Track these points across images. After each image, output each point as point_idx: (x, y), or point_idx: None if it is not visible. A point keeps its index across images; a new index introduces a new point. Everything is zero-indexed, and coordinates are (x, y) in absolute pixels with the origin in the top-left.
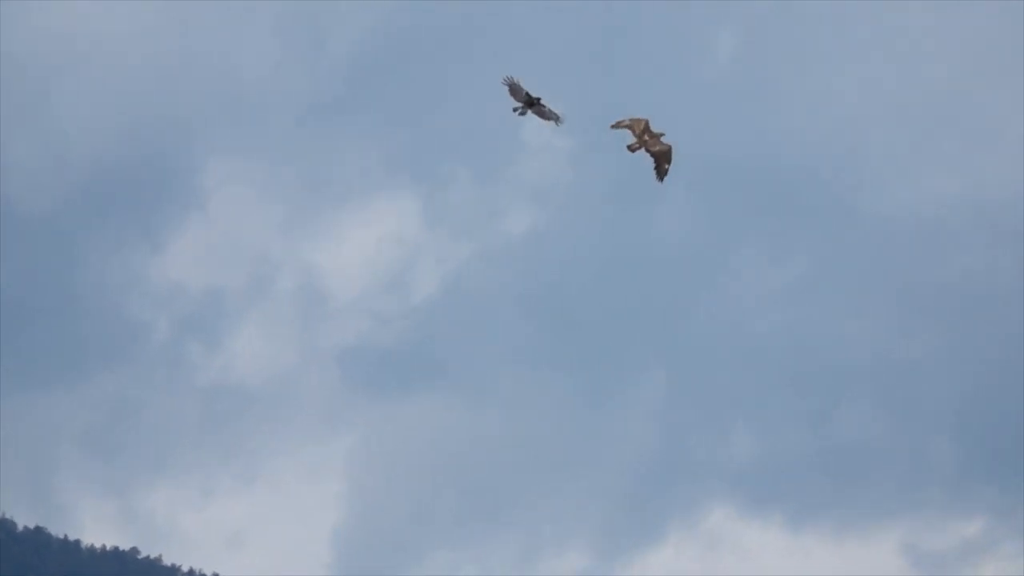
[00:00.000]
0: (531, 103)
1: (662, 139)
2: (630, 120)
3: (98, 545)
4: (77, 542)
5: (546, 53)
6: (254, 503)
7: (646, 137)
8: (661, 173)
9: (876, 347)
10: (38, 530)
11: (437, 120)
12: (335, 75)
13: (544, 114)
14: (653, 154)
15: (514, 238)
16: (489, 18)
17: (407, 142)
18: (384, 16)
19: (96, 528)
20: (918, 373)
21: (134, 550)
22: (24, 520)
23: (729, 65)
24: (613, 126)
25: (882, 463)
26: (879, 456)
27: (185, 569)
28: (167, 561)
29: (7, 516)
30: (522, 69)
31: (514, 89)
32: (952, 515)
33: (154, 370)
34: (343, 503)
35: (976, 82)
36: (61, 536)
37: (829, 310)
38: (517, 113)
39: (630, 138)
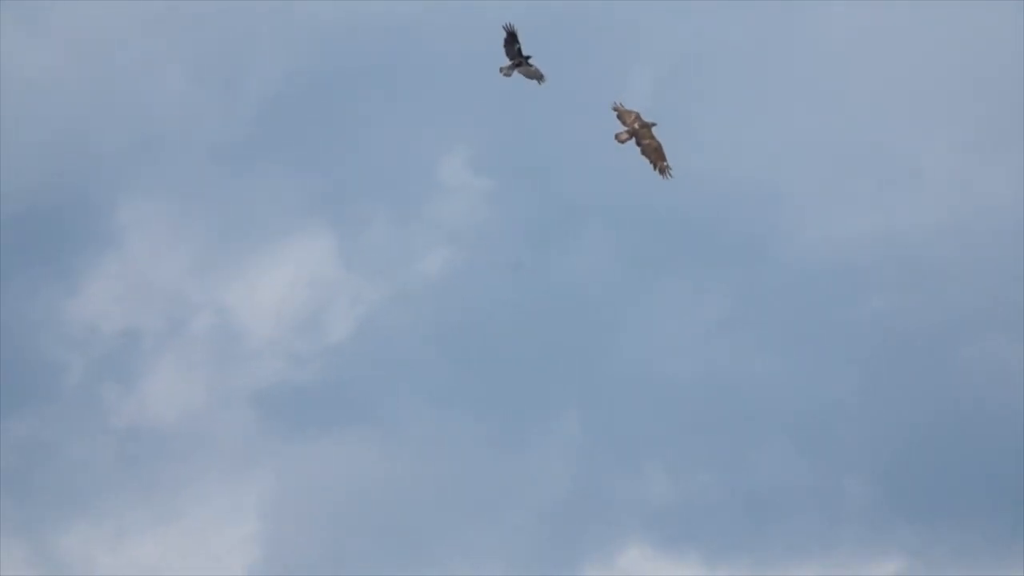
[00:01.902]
0: (519, 63)
1: (653, 129)
2: (622, 108)
3: None
4: None
5: (459, 94)
6: (169, 543)
7: (636, 126)
8: (663, 170)
9: (792, 387)
10: None
11: (352, 161)
12: (249, 115)
13: (530, 73)
14: (644, 150)
15: (430, 279)
16: (404, 59)
17: (322, 183)
18: (299, 57)
19: (11, 568)
20: (834, 413)
21: None
22: None
23: (643, 102)
24: (615, 108)
25: (798, 503)
26: (795, 496)
27: None
28: None
29: None
30: (435, 112)
31: (510, 39)
32: (869, 555)
33: (68, 411)
34: (258, 543)
35: (889, 122)
36: None
37: (744, 351)
38: (503, 74)
39: (618, 127)
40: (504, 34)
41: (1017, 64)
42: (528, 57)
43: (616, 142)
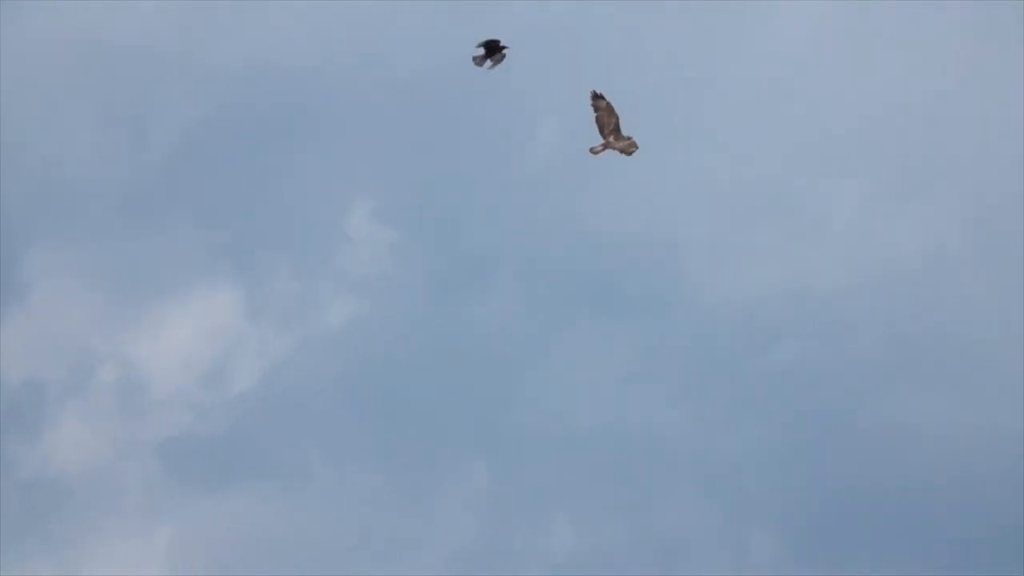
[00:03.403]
0: (494, 53)
1: (631, 143)
2: (607, 104)
3: None
4: None
5: (363, 145)
6: None
7: (611, 139)
8: (627, 150)
9: (699, 439)
10: None
11: (257, 212)
12: (155, 165)
13: (499, 61)
14: (617, 149)
15: (335, 330)
16: (309, 110)
17: (227, 233)
18: (205, 106)
19: None
20: (741, 465)
21: None
22: None
23: (549, 155)
24: (594, 100)
25: (705, 553)
26: (702, 546)
27: None
28: None
29: None
30: (340, 162)
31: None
32: None
33: None
34: None
35: (797, 171)
36: None
37: (651, 402)
38: (475, 63)
39: (595, 139)
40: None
41: (926, 114)
42: (505, 48)
43: (590, 154)
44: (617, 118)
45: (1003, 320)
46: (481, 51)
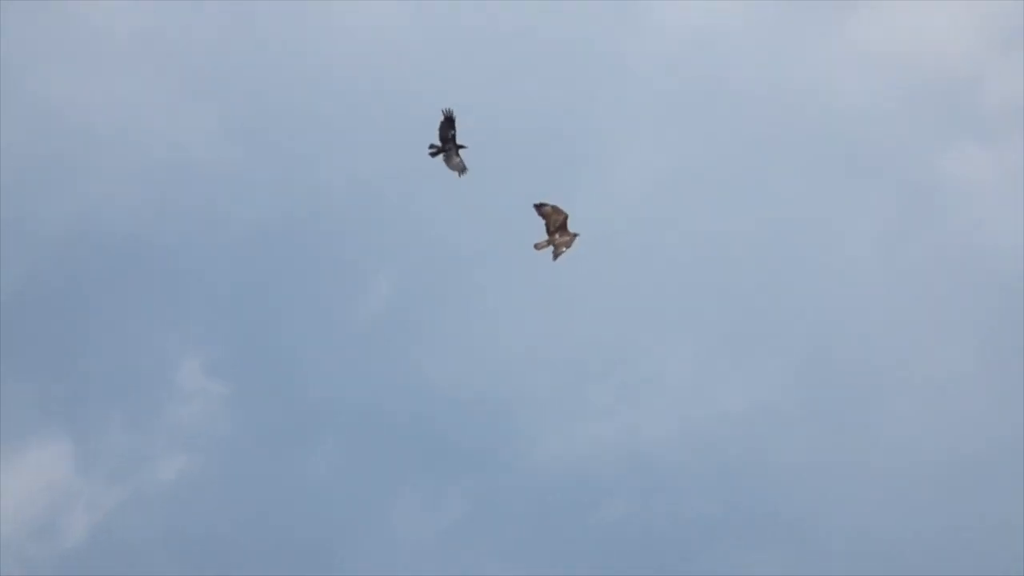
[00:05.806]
0: (449, 149)
1: (575, 238)
2: (552, 207)
3: None
4: None
5: (199, 297)
6: None
7: (557, 236)
8: (556, 255)
9: None
10: None
11: (88, 366)
12: None
13: (453, 164)
14: (557, 244)
15: (166, 484)
16: (139, 264)
17: (58, 387)
18: (36, 259)
19: None
20: None
21: None
22: None
23: (383, 310)
24: (538, 207)
25: None
26: None
27: None
28: None
29: None
30: (171, 316)
31: (447, 123)
32: None
33: None
34: None
35: (633, 330)
36: None
37: (482, 557)
38: (429, 153)
39: (540, 234)
40: (442, 117)
41: (757, 271)
42: (461, 147)
43: (534, 249)
44: (565, 216)
45: (834, 476)
46: (437, 146)
